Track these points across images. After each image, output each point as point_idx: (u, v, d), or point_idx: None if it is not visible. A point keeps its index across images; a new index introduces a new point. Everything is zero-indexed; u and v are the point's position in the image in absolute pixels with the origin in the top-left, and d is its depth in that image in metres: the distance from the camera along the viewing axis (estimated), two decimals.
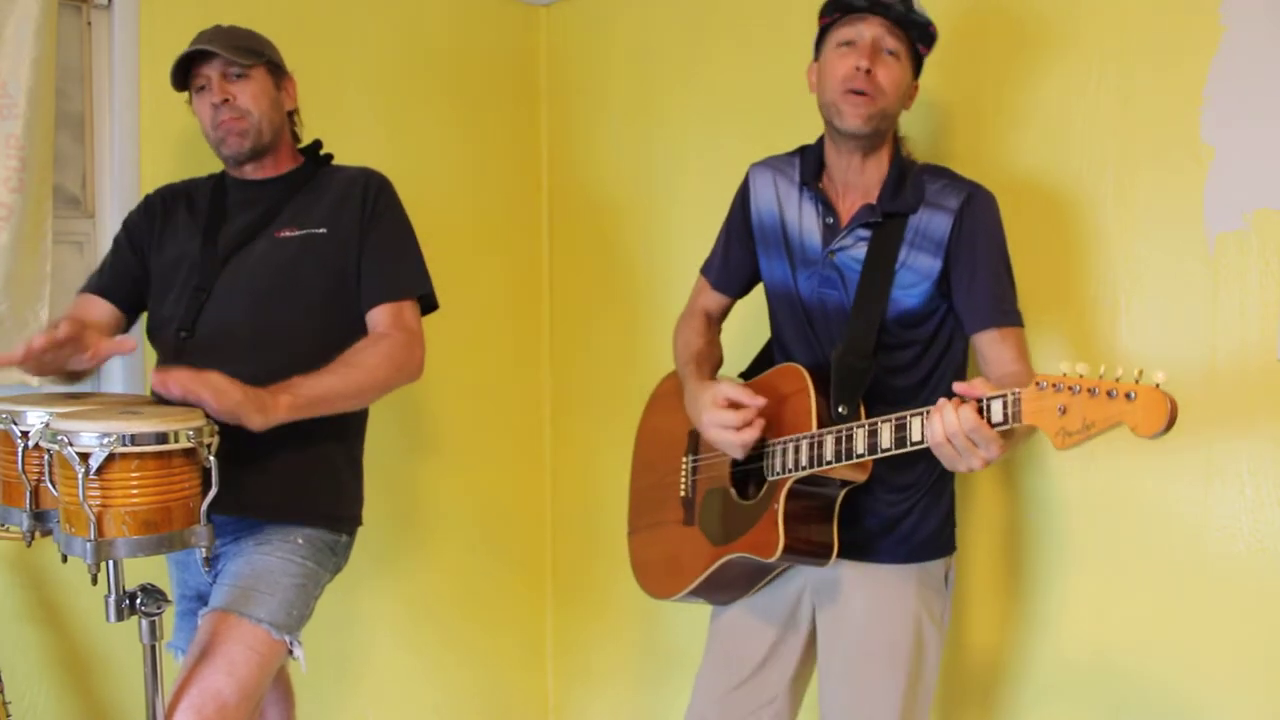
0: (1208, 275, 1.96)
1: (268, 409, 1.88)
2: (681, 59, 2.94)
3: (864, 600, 1.96)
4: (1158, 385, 1.40)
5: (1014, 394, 1.53)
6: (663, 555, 2.14)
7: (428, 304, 2.23)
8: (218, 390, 1.82)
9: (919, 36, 1.89)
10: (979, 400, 1.57)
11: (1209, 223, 1.96)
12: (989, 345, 1.88)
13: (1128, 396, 1.41)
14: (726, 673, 2.08)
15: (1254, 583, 1.93)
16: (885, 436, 1.71)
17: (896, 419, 1.70)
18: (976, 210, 1.89)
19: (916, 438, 1.66)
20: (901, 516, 1.96)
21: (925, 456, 1.93)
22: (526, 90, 3.32)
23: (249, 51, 2.15)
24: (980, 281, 1.88)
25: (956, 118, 2.31)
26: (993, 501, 2.28)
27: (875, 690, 1.95)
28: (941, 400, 1.61)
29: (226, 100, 2.13)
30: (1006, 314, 1.88)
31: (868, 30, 1.86)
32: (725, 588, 2.06)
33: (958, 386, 1.60)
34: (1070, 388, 1.46)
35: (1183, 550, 2.01)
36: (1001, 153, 2.24)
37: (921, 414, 1.65)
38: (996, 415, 1.55)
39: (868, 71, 1.84)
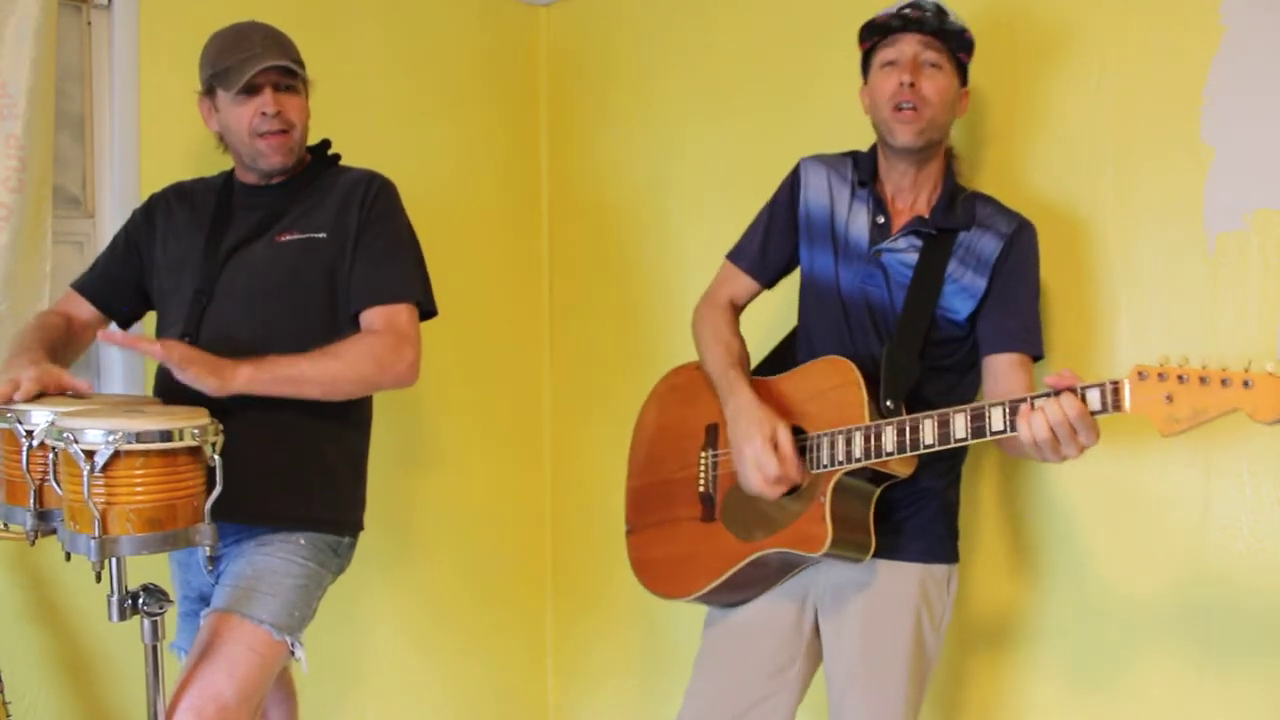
0: (1208, 275, 1.97)
1: (224, 374, 1.87)
2: (681, 58, 2.94)
3: (866, 600, 1.97)
4: (1271, 373, 1.45)
5: (1112, 383, 1.57)
6: (676, 553, 2.11)
7: (426, 310, 2.22)
8: (166, 345, 1.86)
9: (957, 45, 1.94)
10: (1073, 388, 1.60)
11: (1209, 223, 1.97)
12: (1007, 368, 1.92)
13: (1245, 384, 1.46)
14: (724, 678, 2.07)
15: (1254, 582, 1.94)
16: (959, 426, 1.72)
17: (973, 409, 1.71)
18: (1026, 239, 1.96)
19: (998, 427, 1.67)
20: (914, 515, 1.98)
21: (948, 457, 1.94)
22: (526, 90, 3.32)
23: (298, 64, 2.14)
24: (1018, 305, 1.94)
25: (955, 120, 2.32)
26: (993, 501, 2.29)
27: (879, 692, 1.95)
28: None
29: (279, 112, 2.11)
30: (1033, 344, 1.95)
31: (907, 47, 1.92)
32: (740, 588, 2.05)
33: (1048, 379, 1.63)
34: (1178, 377, 1.50)
35: (1183, 549, 2.02)
36: (1001, 153, 2.25)
37: (1002, 405, 1.67)
38: (1094, 404, 1.59)
39: (911, 85, 1.90)
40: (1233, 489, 1.96)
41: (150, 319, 2.31)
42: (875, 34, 1.97)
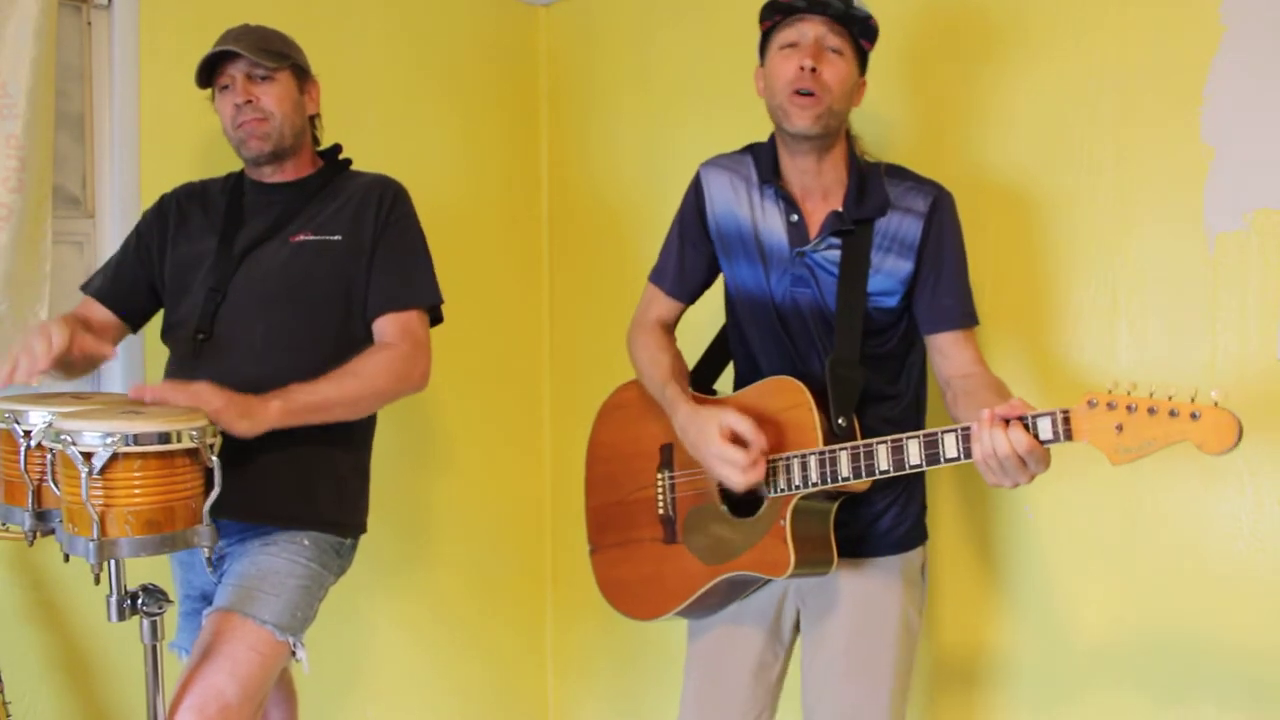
0: (1208, 275, 1.97)
1: (255, 414, 1.89)
2: (681, 58, 2.94)
3: (852, 595, 1.97)
4: (1217, 404, 1.43)
5: (1062, 413, 1.55)
6: (642, 575, 2.09)
7: (435, 316, 2.23)
8: (194, 395, 1.84)
9: (860, 32, 1.88)
10: (1023, 419, 1.58)
11: (1209, 223, 1.96)
12: (953, 345, 1.90)
13: (1192, 416, 1.44)
14: (714, 687, 2.07)
15: (1254, 581, 1.93)
16: (914, 453, 1.70)
17: (926, 436, 1.69)
18: (944, 213, 1.92)
19: (952, 454, 1.66)
20: (883, 512, 1.97)
21: None
22: (526, 90, 3.32)
23: (275, 54, 2.14)
24: (947, 284, 1.90)
25: (956, 119, 2.32)
26: (993, 501, 2.29)
27: (869, 681, 1.96)
28: (983, 418, 1.60)
29: (249, 101, 2.12)
30: (970, 315, 1.92)
31: (810, 30, 1.86)
32: (710, 607, 2.05)
33: (999, 409, 1.59)
34: (1127, 407, 1.48)
35: (1183, 549, 2.02)
36: (1001, 154, 2.24)
37: (955, 431, 1.66)
38: (1045, 433, 1.57)
39: (813, 70, 1.84)
40: (1233, 489, 1.96)
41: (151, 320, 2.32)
42: (777, 13, 1.88)
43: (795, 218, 1.94)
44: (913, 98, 2.38)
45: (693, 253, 2.09)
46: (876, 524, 1.97)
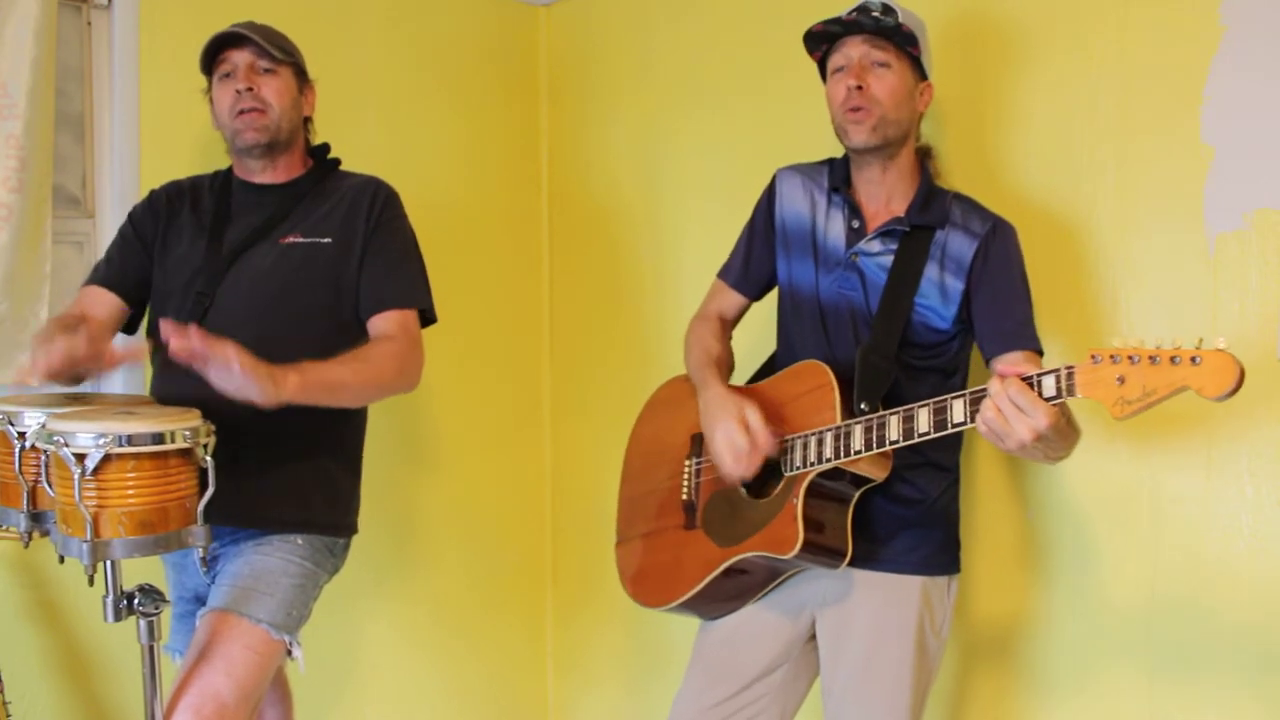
0: (1208, 275, 1.96)
1: (279, 383, 1.84)
2: (681, 58, 2.93)
3: (869, 610, 1.96)
4: (1221, 349, 1.42)
5: (1067, 368, 1.54)
6: (660, 562, 2.11)
7: (426, 318, 2.22)
8: (223, 349, 1.75)
9: (901, 41, 1.91)
10: (1026, 377, 1.58)
11: (1209, 223, 1.95)
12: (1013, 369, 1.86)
13: (1193, 361, 1.43)
14: (712, 687, 2.07)
15: (1254, 581, 1.92)
16: (923, 420, 1.71)
17: (935, 403, 1.70)
18: (1001, 238, 1.93)
19: (959, 419, 1.66)
20: (909, 525, 1.96)
21: (934, 465, 1.94)
22: (526, 90, 3.32)
23: (280, 48, 2.15)
24: (1005, 308, 1.91)
25: (956, 119, 2.31)
26: (993, 501, 2.28)
27: (881, 701, 1.95)
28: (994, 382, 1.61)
29: (250, 89, 2.11)
30: (1032, 339, 1.91)
31: (853, 51, 1.92)
32: (724, 598, 2.04)
33: (999, 367, 1.61)
34: (1129, 358, 1.47)
35: (1183, 549, 2.01)
36: (1001, 154, 2.23)
37: (964, 396, 1.66)
38: (1049, 389, 1.56)
39: (859, 89, 1.89)
40: (1233, 489, 1.95)
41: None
42: (821, 42, 1.97)
43: (857, 223, 1.99)
44: None
45: (759, 249, 2.14)
46: (899, 537, 1.96)
